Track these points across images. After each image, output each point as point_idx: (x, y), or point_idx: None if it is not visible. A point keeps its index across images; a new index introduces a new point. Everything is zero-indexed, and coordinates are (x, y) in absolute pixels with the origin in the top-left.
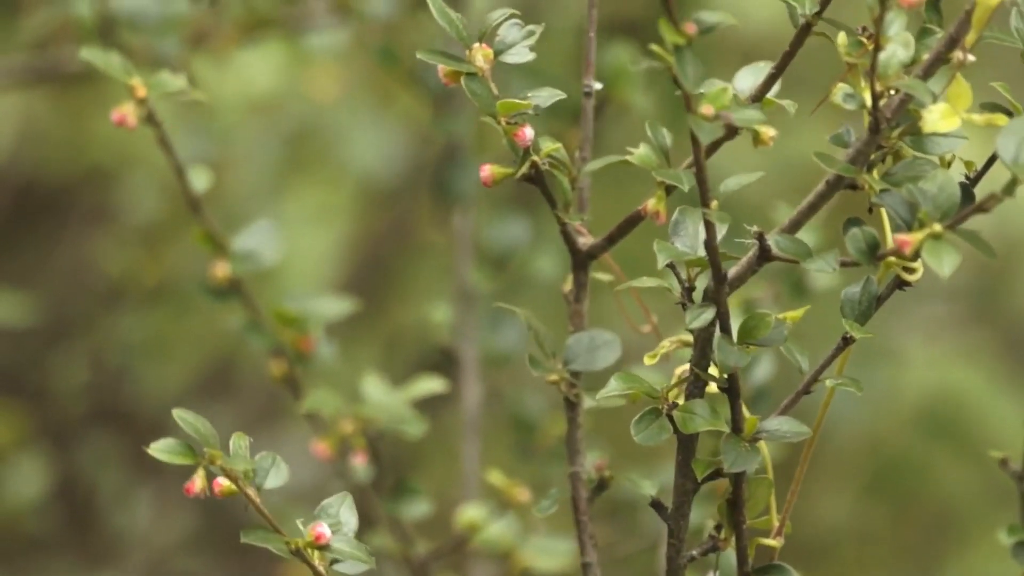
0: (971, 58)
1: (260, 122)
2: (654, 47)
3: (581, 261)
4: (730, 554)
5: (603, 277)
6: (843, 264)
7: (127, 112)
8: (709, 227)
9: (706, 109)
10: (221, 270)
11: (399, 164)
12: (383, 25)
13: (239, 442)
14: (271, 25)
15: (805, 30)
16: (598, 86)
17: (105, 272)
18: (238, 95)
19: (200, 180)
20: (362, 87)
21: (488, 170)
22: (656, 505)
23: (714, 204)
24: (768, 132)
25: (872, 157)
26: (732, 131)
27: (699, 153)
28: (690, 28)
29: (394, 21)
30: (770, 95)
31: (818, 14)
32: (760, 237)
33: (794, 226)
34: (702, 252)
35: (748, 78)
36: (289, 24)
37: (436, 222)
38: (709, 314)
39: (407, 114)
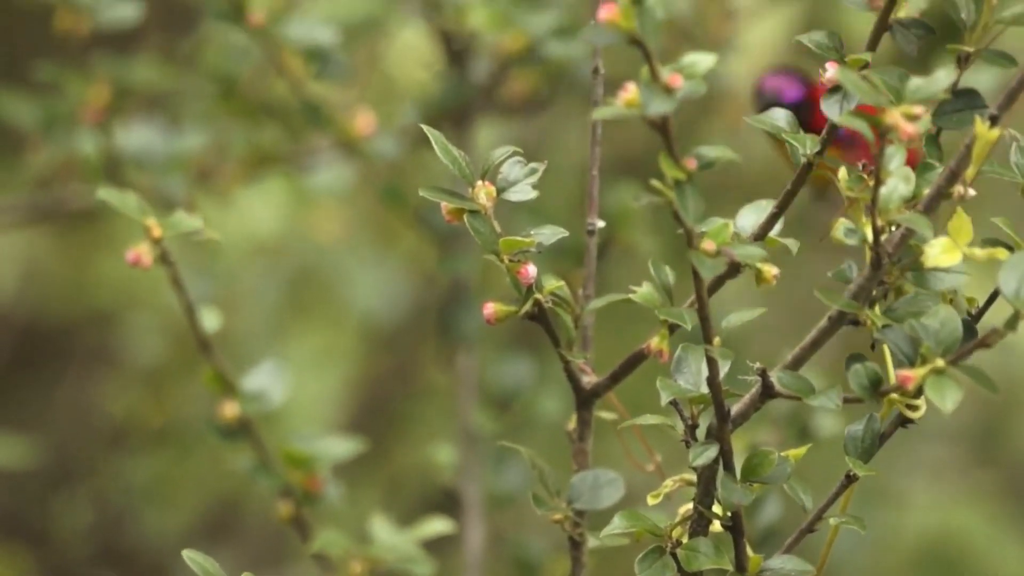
0: (972, 192)
1: (263, 262)
2: (655, 182)
3: (585, 400)
4: None
5: (607, 416)
6: (846, 401)
7: (141, 252)
8: (712, 364)
9: (708, 245)
10: (230, 410)
11: (402, 304)
12: (388, 164)
13: None
14: (275, 163)
15: (807, 169)
16: (601, 224)
17: (108, 414)
18: (241, 235)
19: (210, 320)
20: (365, 227)
21: (491, 308)
22: None
23: (716, 341)
24: (771, 270)
25: (874, 293)
26: (735, 269)
27: (701, 289)
28: (690, 163)
29: (399, 160)
30: (772, 234)
31: (819, 153)
32: (763, 374)
33: (796, 362)
34: (705, 389)
35: (750, 216)
36: (293, 162)
37: (440, 362)
38: (712, 452)
39: (410, 254)
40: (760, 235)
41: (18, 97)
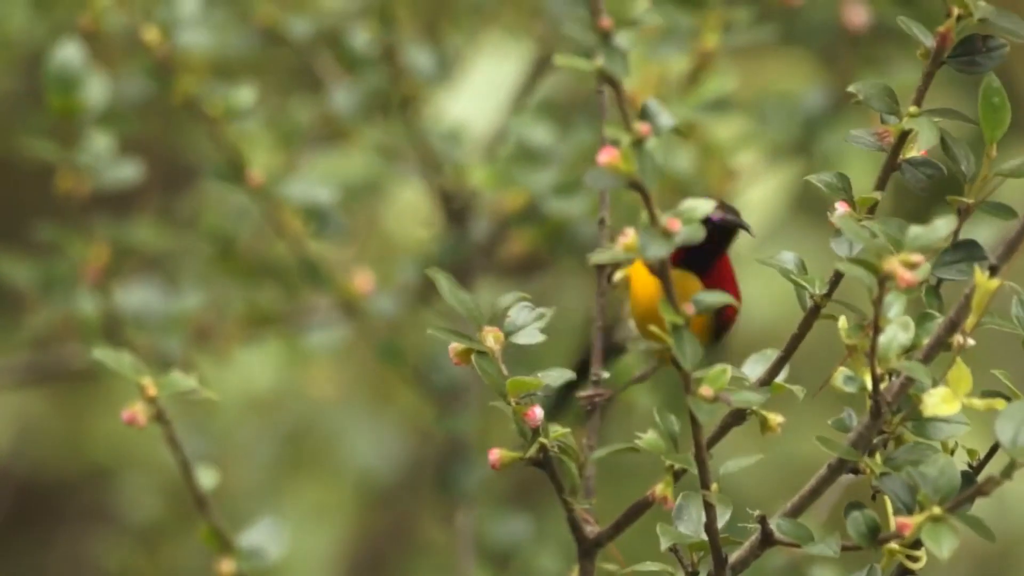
0: (971, 342)
1: (259, 419)
2: (653, 328)
3: (587, 549)
4: None
5: (609, 566)
6: (845, 548)
7: (137, 411)
8: (710, 509)
9: (705, 390)
10: (227, 567)
11: (398, 462)
12: (385, 323)
13: None
14: (272, 323)
15: (814, 312)
16: (605, 375)
17: (104, 570)
18: (238, 392)
19: (207, 478)
20: (360, 384)
21: (497, 454)
22: None
23: (714, 487)
24: (776, 419)
25: (874, 441)
26: (740, 417)
27: (699, 435)
28: (688, 308)
29: (398, 320)
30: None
31: (827, 295)
32: (763, 521)
33: (796, 511)
34: (705, 536)
35: (756, 366)
36: (290, 321)
37: (438, 520)
38: None
39: (405, 411)
40: (766, 381)
41: (17, 258)
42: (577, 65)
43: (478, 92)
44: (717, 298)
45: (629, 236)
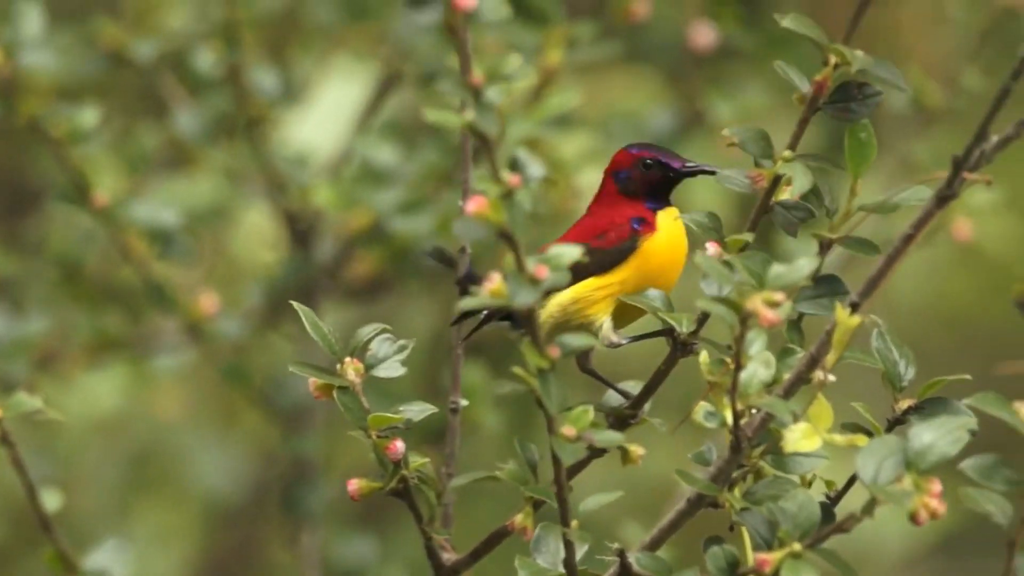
0: (832, 378)
1: (105, 442)
2: (517, 370)
3: None
4: None
5: None
6: None
7: None
8: (568, 547)
9: (568, 430)
10: None
11: (243, 483)
12: (232, 345)
13: None
14: (118, 346)
15: (680, 350)
16: (464, 403)
17: None
18: (83, 415)
19: (51, 500)
20: (206, 407)
21: (356, 484)
22: None
23: (574, 524)
24: (638, 451)
25: (733, 476)
26: (601, 450)
27: (560, 473)
28: (553, 351)
29: (243, 342)
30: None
31: (694, 333)
32: (621, 554)
33: (655, 544)
34: (563, 569)
35: (618, 396)
36: (136, 345)
37: (284, 540)
38: None
39: (251, 433)
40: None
41: None
42: (447, 121)
43: (324, 114)
44: (580, 341)
45: (495, 281)
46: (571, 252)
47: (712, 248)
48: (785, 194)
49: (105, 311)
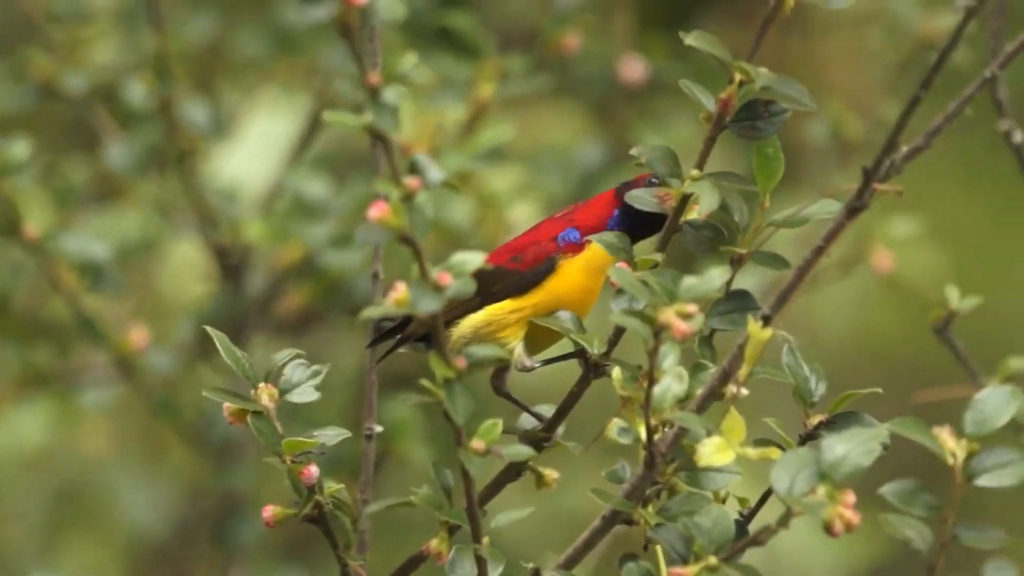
0: (744, 392)
1: (31, 477)
2: (424, 381)
3: None
4: None
5: None
6: None
7: None
8: (481, 563)
9: (476, 444)
10: None
11: (171, 518)
12: (162, 379)
13: None
14: (47, 381)
15: (593, 370)
16: (379, 429)
17: None
18: (9, 450)
19: None
20: (134, 441)
21: (271, 511)
22: None
23: (485, 541)
24: (552, 474)
25: (648, 492)
26: (515, 473)
27: (470, 488)
28: (460, 362)
29: (173, 376)
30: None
31: (606, 354)
32: (536, 573)
33: (570, 562)
34: None
35: (532, 419)
36: (65, 379)
37: (213, 574)
38: None
39: (179, 467)
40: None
41: None
42: (345, 122)
43: (255, 147)
44: (489, 352)
45: (400, 290)
46: (474, 259)
47: (621, 267)
48: (694, 213)
49: (33, 344)
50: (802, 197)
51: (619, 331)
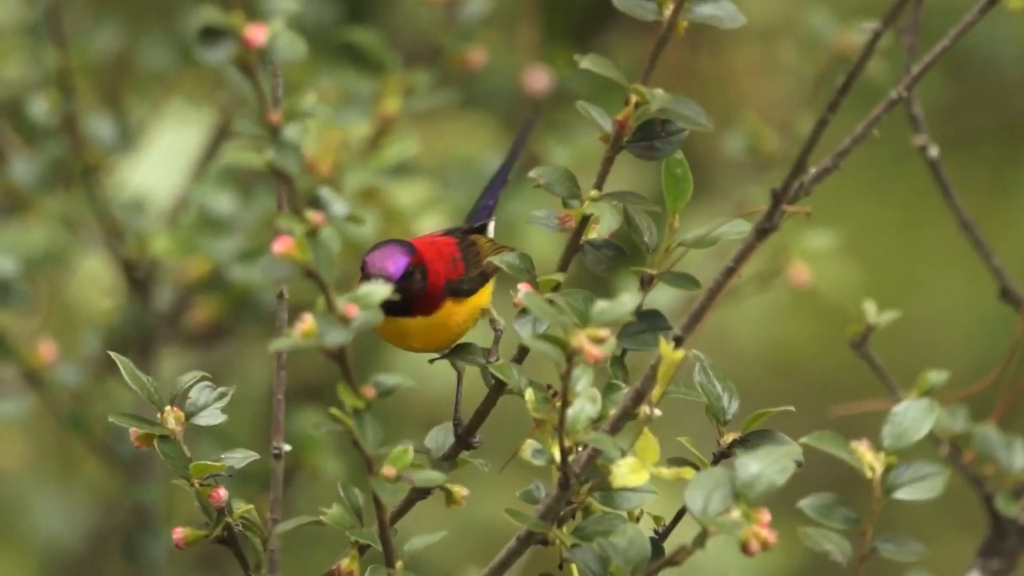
0: (658, 413)
1: None
2: (334, 411)
3: None
4: None
5: None
6: None
7: None
8: None
9: (388, 471)
10: None
11: (84, 532)
12: (71, 393)
13: None
14: None
15: (498, 389)
16: (287, 448)
17: None
18: None
19: None
20: (45, 455)
21: (181, 533)
22: None
23: (399, 564)
24: (461, 492)
25: (562, 512)
26: (424, 492)
27: (382, 514)
28: (369, 392)
29: (82, 389)
30: (462, 455)
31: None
32: None
33: None
34: None
35: (439, 436)
36: None
37: None
38: None
39: (91, 481)
40: (449, 456)
41: None
42: (248, 160)
43: (160, 160)
44: (396, 379)
45: (307, 322)
46: (380, 291)
47: (524, 288)
48: (595, 233)
49: None
50: (717, 210)
51: (523, 350)
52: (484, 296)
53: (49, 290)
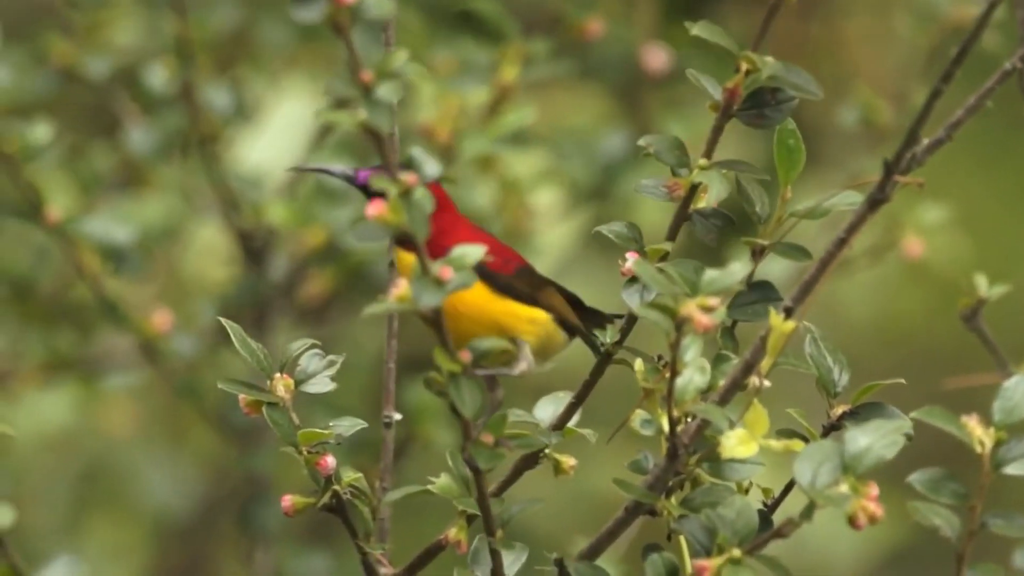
0: (767, 384)
1: (55, 458)
2: (432, 374)
3: None
4: None
5: None
6: None
7: None
8: (495, 556)
9: (486, 437)
10: None
11: (195, 499)
12: (185, 363)
13: None
14: (71, 366)
15: (606, 359)
16: (397, 416)
17: None
18: (33, 431)
19: (3, 516)
20: (156, 423)
21: (289, 500)
22: None
23: (499, 534)
24: (568, 461)
25: (670, 483)
26: (532, 461)
27: (481, 482)
28: (465, 355)
29: (196, 359)
30: (570, 424)
31: (618, 343)
32: (560, 564)
33: (593, 552)
34: None
35: (548, 407)
36: (89, 363)
37: (237, 558)
38: None
39: (202, 449)
40: (558, 425)
41: None
42: (339, 119)
43: (278, 131)
44: (493, 343)
45: (402, 286)
46: (474, 252)
47: (631, 257)
48: (703, 202)
49: (57, 329)
50: (829, 181)
51: (631, 320)
52: (509, 309)
53: (165, 260)
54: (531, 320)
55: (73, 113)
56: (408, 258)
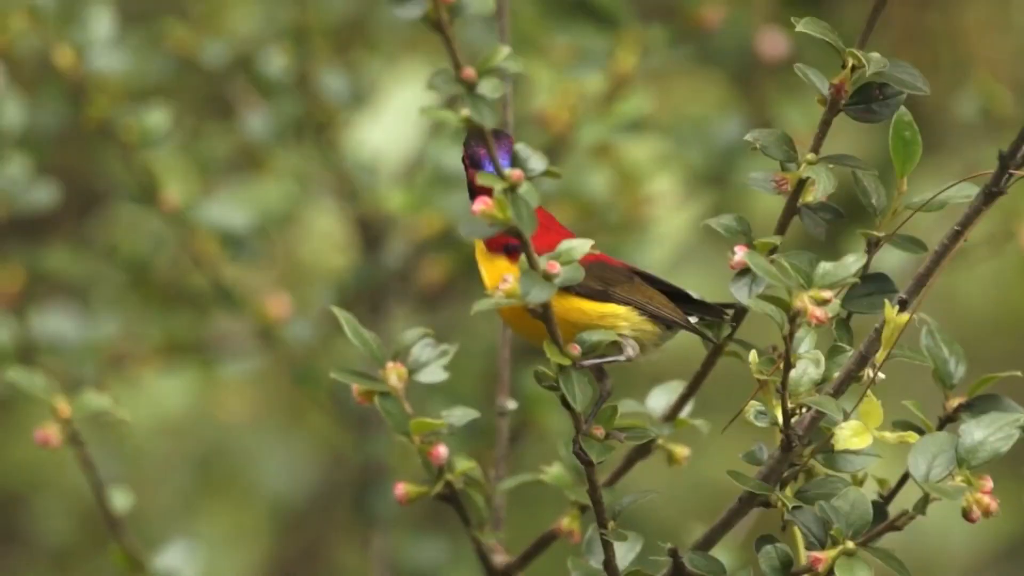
0: (881, 376)
1: (172, 443)
2: (541, 368)
3: None
4: None
5: None
6: None
7: (50, 432)
8: (607, 546)
9: (596, 430)
10: None
11: (311, 485)
12: (302, 348)
13: None
14: (188, 351)
15: (716, 350)
16: (512, 405)
17: None
18: (150, 416)
19: (121, 500)
20: (272, 408)
21: (402, 489)
22: None
23: (611, 524)
24: (682, 452)
25: (784, 474)
26: (644, 451)
27: (592, 474)
28: (574, 349)
29: (312, 344)
30: (683, 415)
31: (729, 336)
32: (674, 554)
33: (708, 543)
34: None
35: (661, 397)
36: (206, 348)
37: (353, 543)
38: None
39: (318, 435)
40: (670, 416)
41: None
42: (443, 116)
43: (395, 117)
44: (601, 336)
45: (510, 281)
46: (582, 246)
47: (740, 251)
48: (811, 196)
49: (174, 314)
50: (947, 171)
51: (741, 312)
52: (573, 306)
53: (282, 246)
54: (601, 316)
55: (189, 99)
56: (490, 261)
